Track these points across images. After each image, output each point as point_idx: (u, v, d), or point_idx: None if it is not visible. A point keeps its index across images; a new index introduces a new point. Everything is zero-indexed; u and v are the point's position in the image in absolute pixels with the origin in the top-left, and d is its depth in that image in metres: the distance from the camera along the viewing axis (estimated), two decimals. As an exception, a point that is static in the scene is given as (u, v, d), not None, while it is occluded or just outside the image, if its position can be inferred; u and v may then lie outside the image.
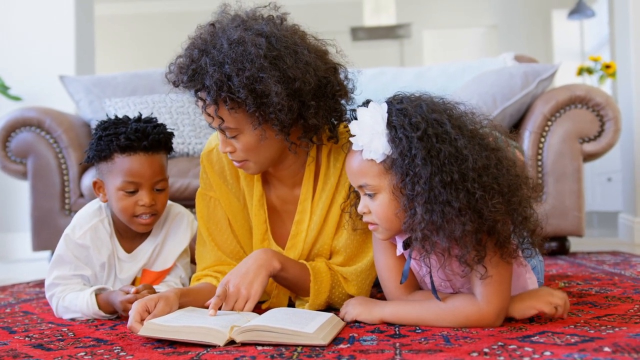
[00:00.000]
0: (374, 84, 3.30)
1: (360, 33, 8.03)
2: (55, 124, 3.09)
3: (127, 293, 1.50)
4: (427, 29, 8.66)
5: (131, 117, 1.66)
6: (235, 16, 1.43)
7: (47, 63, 4.19)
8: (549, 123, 2.86)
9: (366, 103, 1.29)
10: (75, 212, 3.03)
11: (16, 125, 3.08)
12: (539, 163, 2.87)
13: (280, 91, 1.34)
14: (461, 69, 3.42)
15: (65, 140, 3.09)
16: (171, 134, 1.67)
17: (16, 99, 4.03)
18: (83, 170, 3.09)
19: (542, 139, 2.86)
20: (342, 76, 1.49)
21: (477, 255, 1.21)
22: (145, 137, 1.59)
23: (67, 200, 3.09)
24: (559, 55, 7.11)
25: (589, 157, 2.90)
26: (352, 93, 1.51)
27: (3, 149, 3.09)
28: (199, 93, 1.40)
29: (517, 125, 3.00)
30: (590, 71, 5.45)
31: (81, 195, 3.07)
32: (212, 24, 1.42)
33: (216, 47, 1.36)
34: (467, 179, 1.18)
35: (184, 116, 3.20)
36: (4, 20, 4.24)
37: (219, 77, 1.33)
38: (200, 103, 1.41)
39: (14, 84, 4.10)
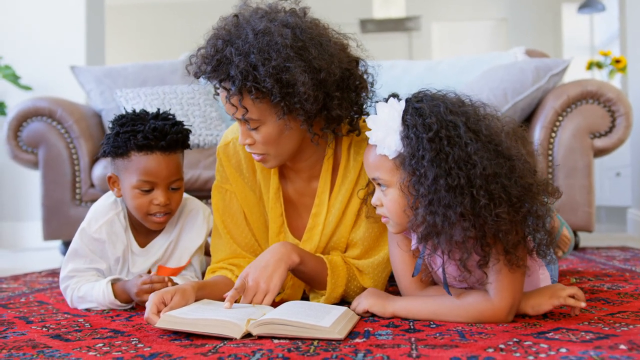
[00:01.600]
0: (385, 77, 3.23)
1: (369, 25, 8.01)
2: (66, 114, 3.11)
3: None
4: (436, 21, 8.62)
5: (149, 111, 1.64)
6: (258, 8, 1.43)
7: (57, 53, 4.21)
8: (560, 118, 2.86)
9: (389, 97, 1.30)
10: (86, 202, 3.07)
11: (28, 115, 3.10)
12: (550, 158, 2.87)
13: (307, 81, 1.34)
14: (471, 62, 3.41)
15: (76, 130, 3.10)
16: (189, 132, 1.65)
17: (27, 88, 4.04)
18: (94, 160, 3.10)
19: (553, 134, 2.86)
20: (362, 70, 1.49)
21: (481, 260, 1.22)
22: (163, 137, 1.57)
23: (77, 190, 3.10)
24: (569, 49, 7.08)
25: (599, 152, 2.89)
26: (372, 87, 1.51)
27: (14, 139, 3.11)
28: (222, 83, 1.40)
29: (528, 120, 2.99)
30: (600, 66, 5.42)
31: (92, 185, 3.09)
32: (236, 16, 1.43)
33: (241, 38, 1.36)
34: (473, 185, 1.18)
35: (194, 107, 3.21)
36: (14, 10, 4.25)
37: (244, 67, 1.33)
38: (224, 93, 1.41)
39: (24, 74, 4.11)
